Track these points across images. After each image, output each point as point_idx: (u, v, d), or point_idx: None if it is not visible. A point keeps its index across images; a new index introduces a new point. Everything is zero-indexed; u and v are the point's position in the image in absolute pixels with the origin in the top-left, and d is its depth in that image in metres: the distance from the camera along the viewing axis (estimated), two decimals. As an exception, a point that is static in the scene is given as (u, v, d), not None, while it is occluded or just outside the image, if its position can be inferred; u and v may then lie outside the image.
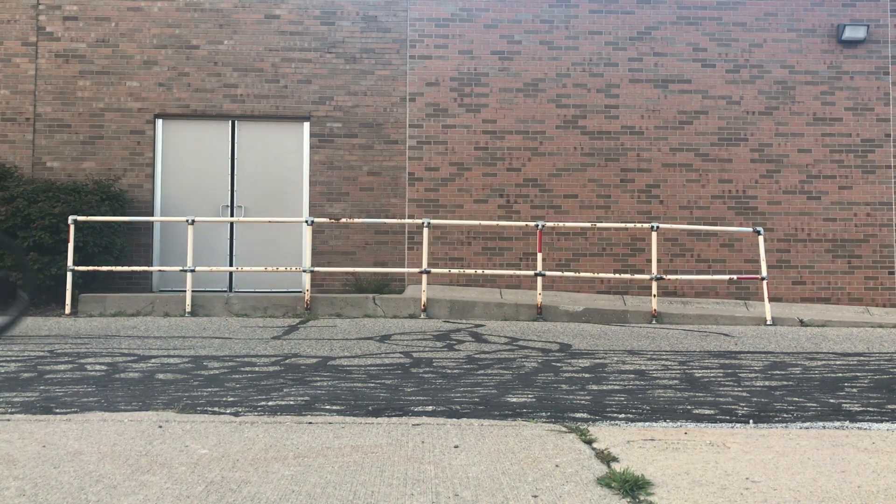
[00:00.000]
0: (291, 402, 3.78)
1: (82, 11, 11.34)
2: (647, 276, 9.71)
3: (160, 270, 10.74)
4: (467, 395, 4.03)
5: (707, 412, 3.67)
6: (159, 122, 11.39)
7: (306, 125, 11.45)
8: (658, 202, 11.45)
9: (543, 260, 9.86)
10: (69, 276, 9.25)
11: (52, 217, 9.54)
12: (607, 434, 3.07)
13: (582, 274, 10.33)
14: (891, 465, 2.68)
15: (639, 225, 10.31)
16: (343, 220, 10.21)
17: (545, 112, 11.52)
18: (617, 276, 10.49)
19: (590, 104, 11.55)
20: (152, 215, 11.18)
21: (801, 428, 3.33)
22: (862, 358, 5.84)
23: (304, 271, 9.60)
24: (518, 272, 10.37)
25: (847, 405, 3.89)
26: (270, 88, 11.39)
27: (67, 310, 9.21)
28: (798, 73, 11.62)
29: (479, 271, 10.50)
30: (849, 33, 11.47)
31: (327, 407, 3.68)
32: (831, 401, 4.00)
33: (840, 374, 4.96)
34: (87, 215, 9.54)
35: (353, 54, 11.48)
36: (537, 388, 4.30)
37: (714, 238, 11.39)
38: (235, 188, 11.41)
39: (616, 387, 4.37)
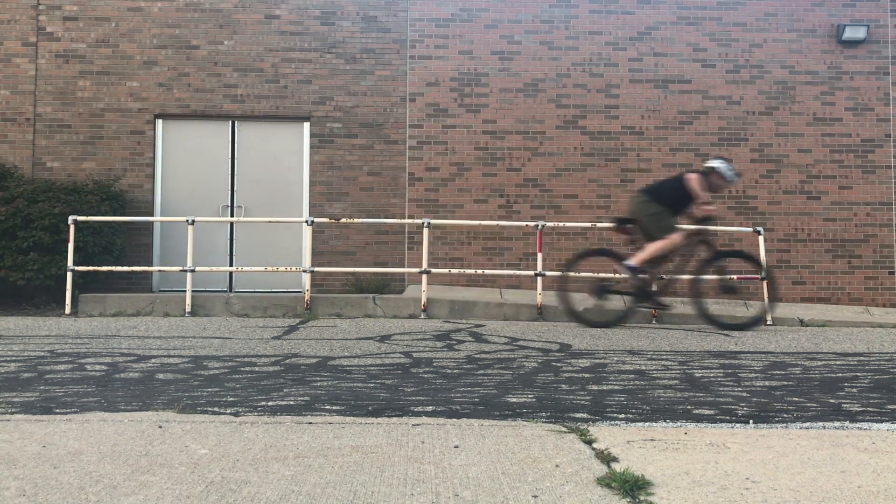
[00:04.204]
0: (291, 402, 3.78)
1: (82, 11, 11.35)
2: (647, 276, 9.69)
3: (160, 270, 10.74)
4: (467, 395, 4.02)
5: (707, 412, 3.67)
6: (159, 122, 11.39)
7: (306, 125, 11.45)
8: (658, 202, 11.44)
9: (543, 260, 9.85)
10: (69, 276, 9.26)
11: (53, 217, 9.54)
12: (607, 434, 3.06)
13: (582, 274, 10.33)
14: (891, 465, 2.68)
15: (639, 225, 10.29)
16: (343, 220, 10.21)
17: (545, 112, 11.52)
18: (617, 275, 10.48)
19: (590, 104, 11.55)
20: (152, 215, 11.18)
21: (801, 428, 3.33)
22: (862, 358, 5.84)
23: (304, 271, 9.60)
24: (518, 272, 10.36)
25: (847, 405, 3.89)
26: (270, 88, 11.40)
27: (67, 310, 9.21)
28: (798, 73, 11.63)
29: (480, 271, 10.50)
30: (849, 33, 11.48)
31: (327, 407, 3.68)
32: (831, 401, 4.00)
33: (840, 374, 4.96)
34: (87, 215, 9.55)
35: (353, 54, 11.48)
36: (537, 388, 4.30)
37: (714, 238, 11.37)
38: (235, 188, 11.41)
39: (616, 387, 4.36)
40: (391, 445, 2.83)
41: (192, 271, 9.40)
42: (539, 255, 9.55)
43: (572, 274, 8.54)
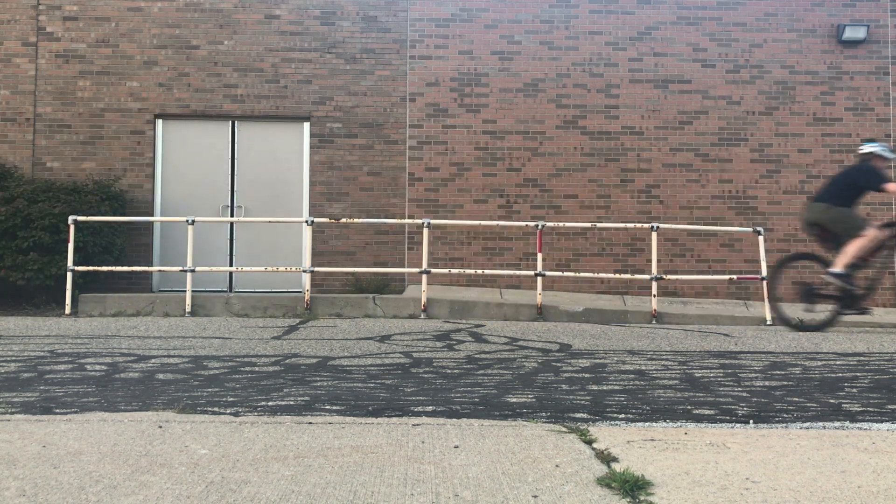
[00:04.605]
0: (291, 402, 3.78)
1: (82, 11, 11.35)
2: (647, 276, 9.70)
3: (160, 270, 10.74)
4: (467, 395, 4.02)
5: (707, 412, 3.67)
6: (159, 122, 11.39)
7: (306, 125, 11.45)
8: (658, 202, 11.45)
9: (543, 260, 9.85)
10: (69, 276, 9.26)
11: (53, 217, 9.55)
12: (607, 434, 3.06)
13: (582, 274, 10.33)
14: (891, 465, 2.68)
15: (639, 225, 10.31)
16: (343, 220, 10.21)
17: (545, 112, 11.52)
18: (617, 276, 10.49)
19: (590, 104, 11.55)
20: (152, 215, 11.19)
21: (801, 428, 3.33)
22: (862, 358, 5.84)
23: (304, 271, 9.61)
24: (518, 272, 10.37)
25: (847, 405, 3.89)
26: (270, 88, 11.40)
27: (67, 310, 9.21)
28: (798, 73, 11.63)
29: (480, 271, 10.50)
30: (849, 33, 11.48)
31: (327, 407, 3.68)
32: (831, 401, 4.00)
33: (840, 374, 4.96)
34: (87, 215, 9.55)
35: (353, 54, 11.48)
36: (537, 388, 4.30)
37: (714, 238, 11.39)
38: (235, 188, 11.41)
39: (616, 387, 4.36)
40: (391, 445, 2.83)
41: (192, 271, 9.40)
42: (539, 256, 9.55)
43: (783, 276, 8.61)
